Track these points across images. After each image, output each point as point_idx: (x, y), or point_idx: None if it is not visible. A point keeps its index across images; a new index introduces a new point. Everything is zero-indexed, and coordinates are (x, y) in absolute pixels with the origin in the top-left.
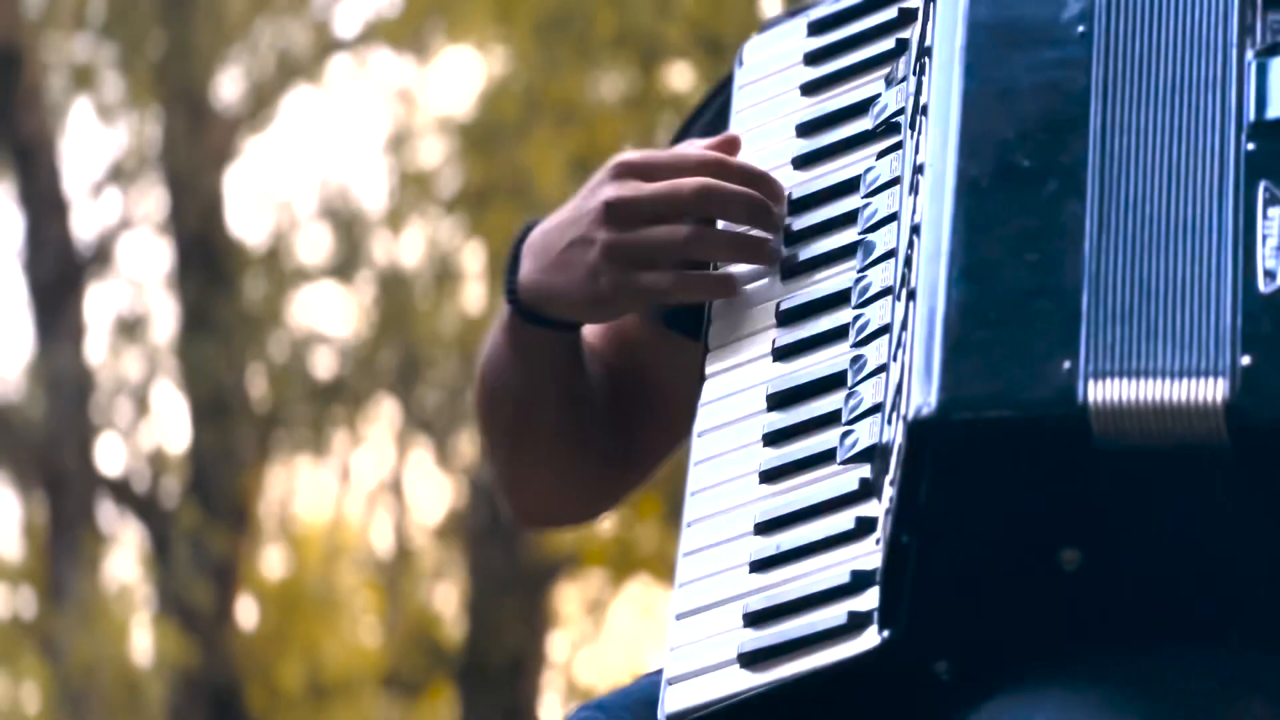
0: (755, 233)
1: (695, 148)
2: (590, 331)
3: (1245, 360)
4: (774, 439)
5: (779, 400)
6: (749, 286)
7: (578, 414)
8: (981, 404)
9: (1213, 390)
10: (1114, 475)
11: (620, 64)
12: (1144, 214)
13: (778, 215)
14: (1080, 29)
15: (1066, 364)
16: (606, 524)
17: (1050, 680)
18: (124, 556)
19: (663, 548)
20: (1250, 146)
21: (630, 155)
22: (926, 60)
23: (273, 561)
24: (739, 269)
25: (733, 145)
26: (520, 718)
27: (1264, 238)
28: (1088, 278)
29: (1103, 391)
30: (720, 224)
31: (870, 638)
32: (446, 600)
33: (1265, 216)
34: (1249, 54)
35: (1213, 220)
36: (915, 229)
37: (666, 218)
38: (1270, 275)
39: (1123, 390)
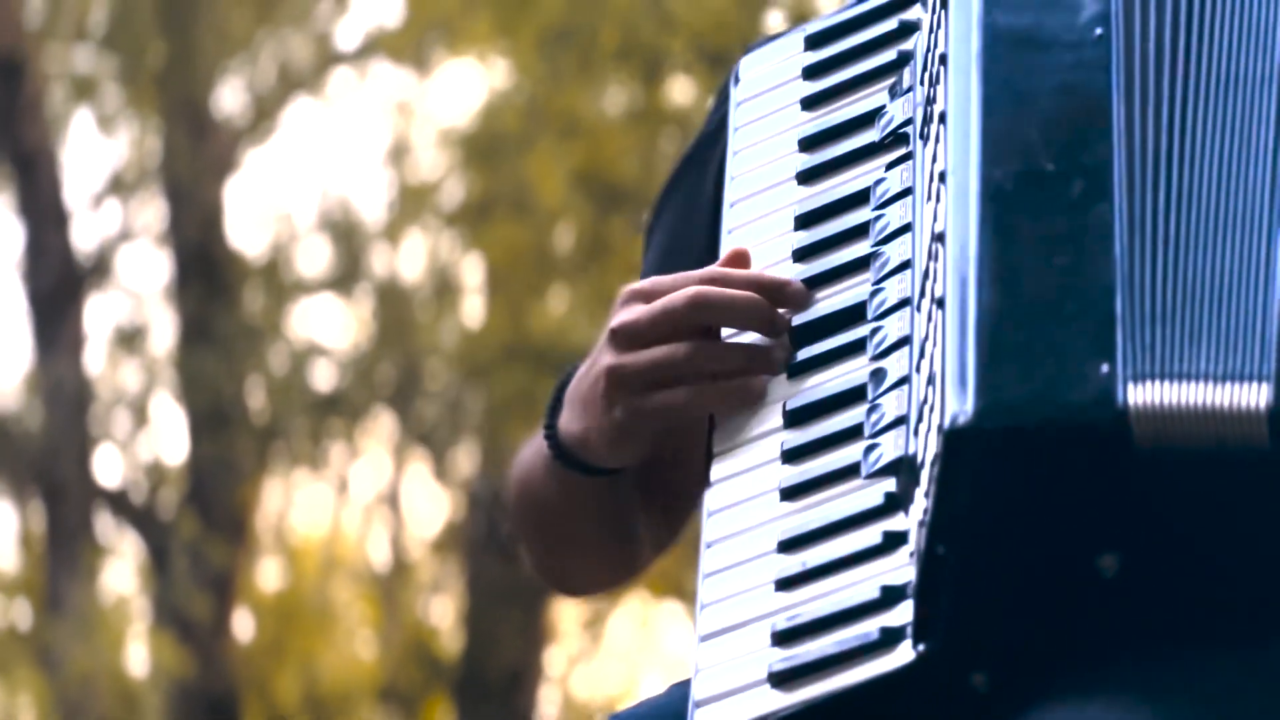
0: (761, 340)
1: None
2: None
3: None
4: (793, 455)
5: (797, 417)
6: None
7: (620, 524)
8: (1019, 410)
9: (1255, 395)
10: (1153, 479)
11: (623, 77)
12: (1183, 213)
13: (781, 318)
14: (1098, 31)
15: (1104, 367)
16: None
17: (1091, 688)
18: (121, 568)
19: (662, 563)
20: None
21: (635, 284)
22: (941, 68)
23: (270, 574)
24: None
25: (740, 259)
26: None
27: None
28: (1120, 279)
29: (1143, 394)
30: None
31: (905, 653)
32: (444, 613)
33: None
34: None
35: (1260, 219)
36: (939, 237)
37: (668, 337)
38: None
39: (1163, 393)
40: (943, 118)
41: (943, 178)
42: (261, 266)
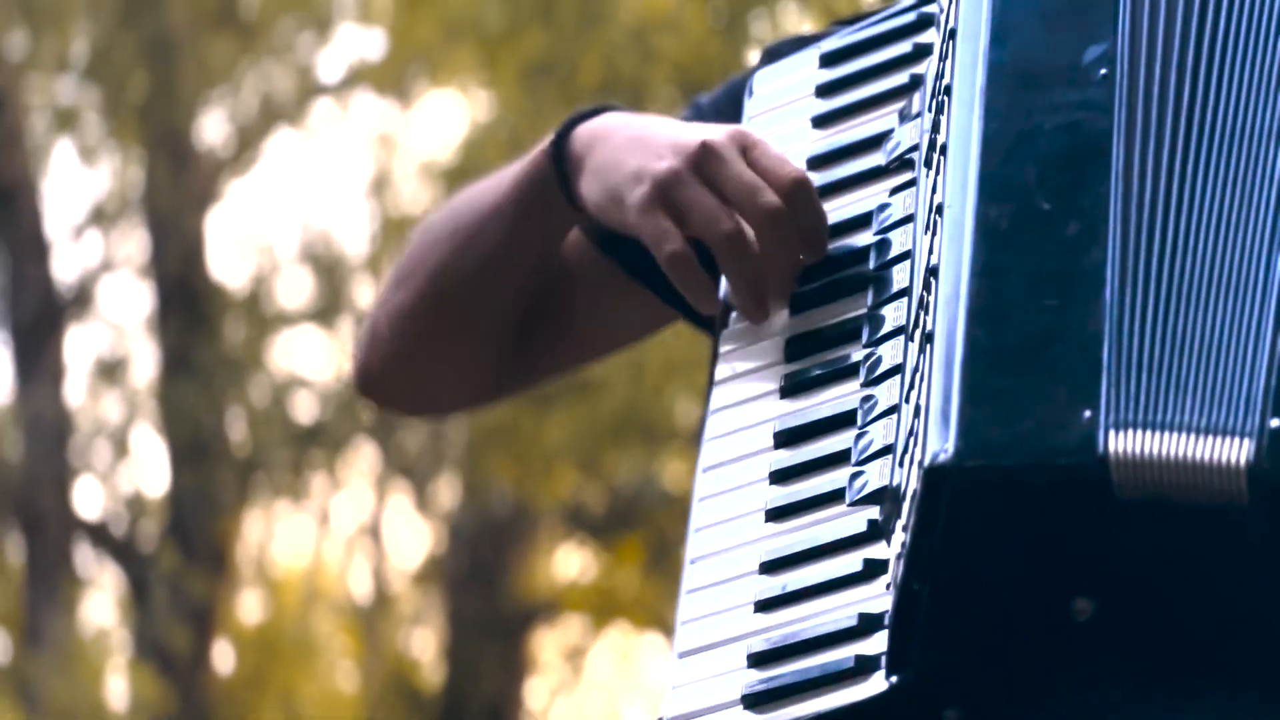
0: (775, 288)
1: (801, 166)
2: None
3: (1274, 423)
4: (781, 477)
5: (787, 438)
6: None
7: (520, 297)
8: (999, 451)
9: (1237, 450)
10: (1131, 526)
11: None
12: (1177, 262)
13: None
14: (1102, 71)
15: (1087, 413)
16: (586, 570)
17: None
18: (101, 600)
19: (643, 594)
20: None
21: (754, 133)
22: (945, 99)
23: (251, 606)
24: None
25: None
26: None
27: None
28: (1109, 325)
29: (1124, 443)
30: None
31: (878, 682)
32: (425, 646)
33: None
34: None
35: (1257, 274)
36: (933, 271)
37: (731, 202)
38: None
39: (1145, 443)
40: (944, 149)
41: (940, 210)
42: (243, 298)
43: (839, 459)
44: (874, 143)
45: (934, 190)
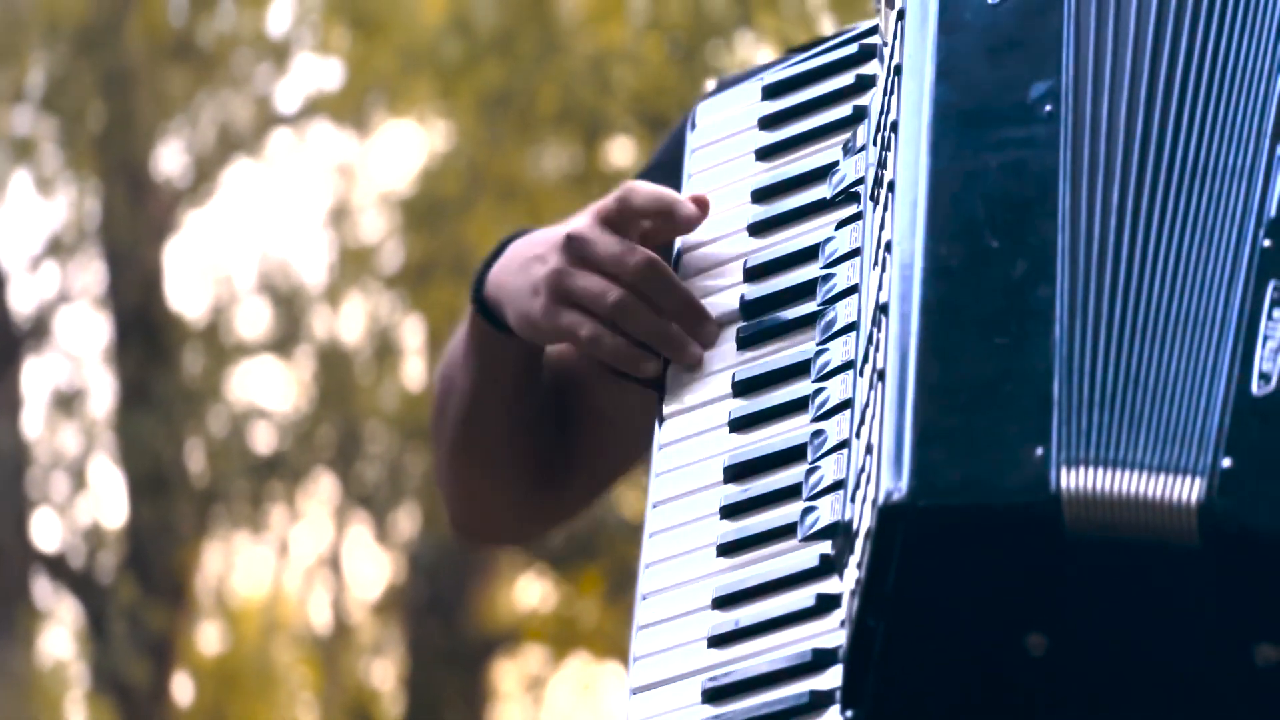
0: (681, 332)
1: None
2: (550, 349)
3: (1226, 462)
4: (732, 512)
5: (736, 473)
6: (706, 354)
7: (522, 423)
8: (952, 490)
9: (1188, 490)
10: (1084, 563)
11: (562, 140)
12: (1130, 299)
13: (711, 325)
14: (1048, 108)
15: (1039, 450)
16: (547, 600)
17: None
18: (59, 632)
19: (603, 624)
20: (1267, 243)
21: (614, 202)
22: (892, 136)
23: (210, 637)
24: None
25: (704, 206)
26: None
27: (1265, 339)
28: (1059, 362)
29: (1076, 480)
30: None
31: (833, 718)
32: (385, 676)
33: (1270, 318)
34: None
35: (1213, 313)
36: (882, 308)
37: (611, 274)
38: (1265, 378)
39: (1096, 480)
40: (891, 186)
41: (889, 248)
42: (201, 329)
43: (789, 494)
44: (819, 175)
45: (881, 226)
